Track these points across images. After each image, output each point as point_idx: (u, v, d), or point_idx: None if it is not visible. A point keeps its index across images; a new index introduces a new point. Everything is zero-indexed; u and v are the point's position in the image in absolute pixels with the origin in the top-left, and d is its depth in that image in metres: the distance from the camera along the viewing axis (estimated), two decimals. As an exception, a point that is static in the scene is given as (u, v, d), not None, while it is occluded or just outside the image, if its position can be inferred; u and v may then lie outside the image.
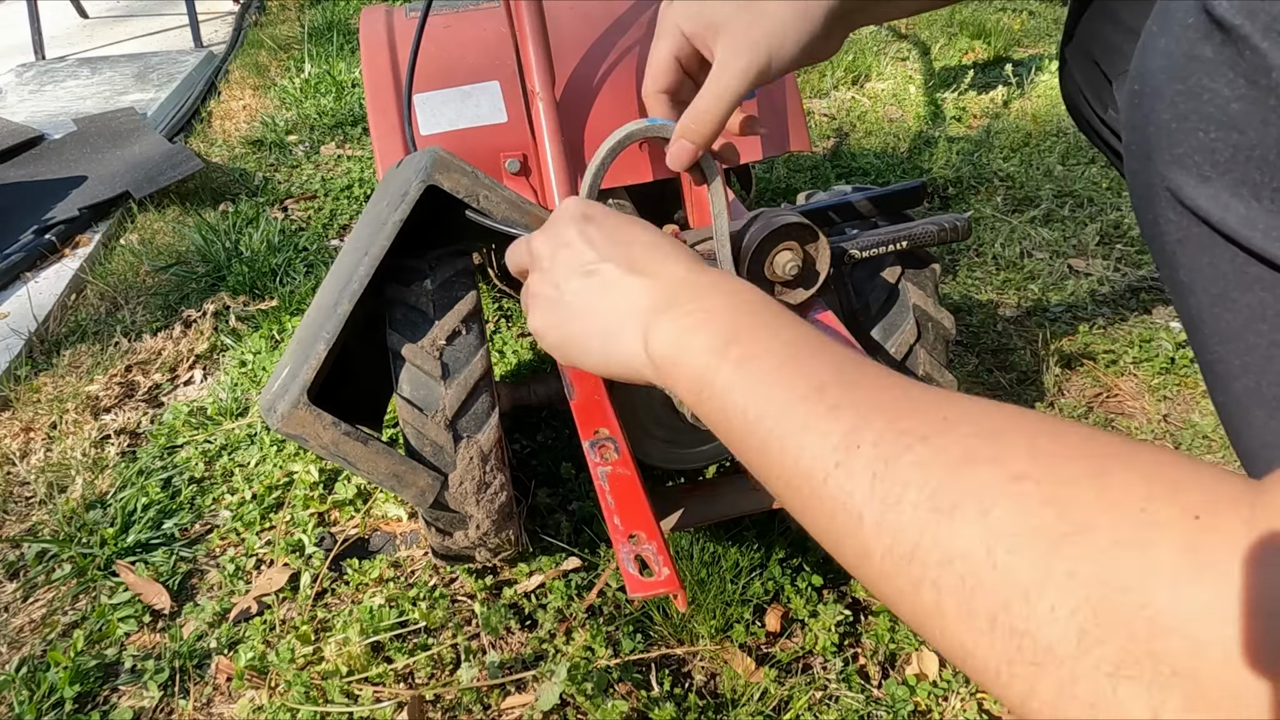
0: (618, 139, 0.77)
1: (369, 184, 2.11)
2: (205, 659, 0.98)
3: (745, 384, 0.44)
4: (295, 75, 2.88)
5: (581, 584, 1.02)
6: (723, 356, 0.45)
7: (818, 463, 0.38)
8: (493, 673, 0.91)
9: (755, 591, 0.98)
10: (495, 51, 1.19)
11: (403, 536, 1.12)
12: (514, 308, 1.56)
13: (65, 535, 1.13)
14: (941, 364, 0.96)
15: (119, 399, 1.42)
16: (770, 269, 0.82)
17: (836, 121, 2.34)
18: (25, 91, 2.84)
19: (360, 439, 0.78)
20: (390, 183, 0.90)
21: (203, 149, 2.39)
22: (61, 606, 1.06)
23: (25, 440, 1.33)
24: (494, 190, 0.85)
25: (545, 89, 1.01)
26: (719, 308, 0.49)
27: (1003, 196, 1.87)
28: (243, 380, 1.43)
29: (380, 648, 0.96)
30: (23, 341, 1.54)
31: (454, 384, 0.83)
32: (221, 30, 3.54)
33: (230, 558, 1.10)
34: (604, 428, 0.74)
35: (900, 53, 2.75)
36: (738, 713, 0.87)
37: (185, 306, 1.65)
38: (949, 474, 0.33)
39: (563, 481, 1.17)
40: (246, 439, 1.30)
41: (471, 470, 0.83)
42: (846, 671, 0.91)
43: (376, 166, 1.14)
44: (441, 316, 0.84)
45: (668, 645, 0.95)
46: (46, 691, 0.93)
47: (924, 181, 0.98)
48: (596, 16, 1.23)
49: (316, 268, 1.75)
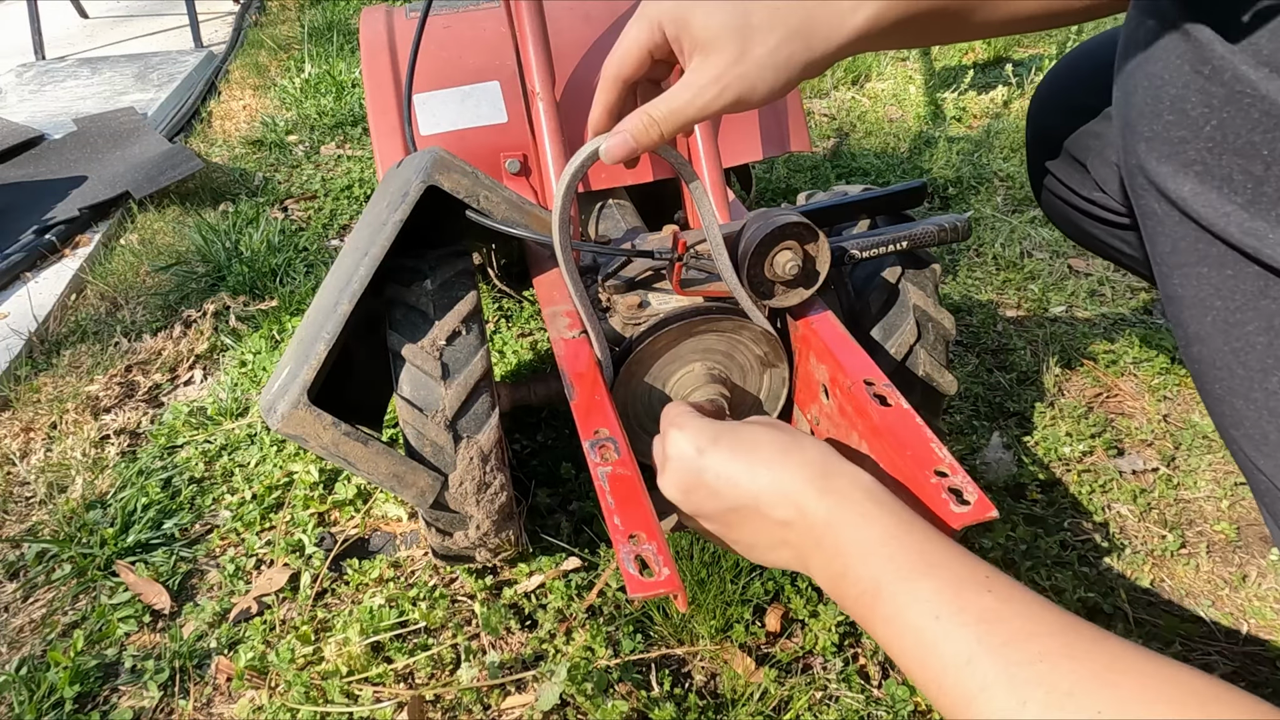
0: (587, 154, 0.76)
1: (369, 184, 2.11)
2: (205, 659, 0.98)
3: (904, 638, 0.49)
4: (295, 75, 2.88)
5: (581, 584, 1.02)
6: (875, 603, 0.51)
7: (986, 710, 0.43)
8: (493, 673, 0.91)
9: (755, 591, 0.98)
10: (495, 51, 1.19)
11: (403, 536, 1.12)
12: (514, 308, 1.56)
13: (65, 535, 1.13)
14: (941, 364, 0.96)
15: (119, 399, 1.42)
16: (770, 269, 0.82)
17: (836, 121, 2.34)
18: (25, 91, 2.84)
19: (360, 439, 0.78)
20: (390, 183, 0.90)
21: (203, 149, 2.39)
22: (61, 606, 1.06)
23: (25, 440, 1.33)
24: (494, 190, 0.85)
25: (545, 89, 1.01)
26: (860, 560, 0.54)
27: (1003, 196, 1.87)
28: (243, 380, 1.43)
29: (380, 648, 0.96)
30: (23, 341, 1.55)
31: (454, 384, 0.83)
32: (221, 30, 3.54)
33: (230, 558, 1.10)
34: (604, 428, 0.74)
35: (900, 53, 2.75)
36: (738, 713, 0.87)
37: (185, 306, 1.65)
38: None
39: (563, 481, 1.17)
40: (246, 439, 1.30)
41: (471, 470, 0.83)
42: (846, 671, 0.91)
43: (376, 166, 1.14)
44: (441, 317, 0.84)
45: (668, 645, 0.95)
46: (46, 691, 0.93)
47: (924, 181, 0.98)
48: (596, 16, 1.23)
49: (316, 268, 1.75)
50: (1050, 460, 1.19)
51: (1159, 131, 0.41)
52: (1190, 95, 0.38)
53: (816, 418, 0.88)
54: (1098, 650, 0.43)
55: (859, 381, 0.77)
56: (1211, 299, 0.43)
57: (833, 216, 0.96)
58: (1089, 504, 1.12)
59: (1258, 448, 0.46)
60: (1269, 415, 0.44)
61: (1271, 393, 0.43)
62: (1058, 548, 1.05)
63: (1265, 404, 0.44)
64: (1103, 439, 1.21)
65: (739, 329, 0.86)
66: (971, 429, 1.24)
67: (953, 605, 0.48)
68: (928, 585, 0.50)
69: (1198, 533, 1.08)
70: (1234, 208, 0.39)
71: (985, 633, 0.45)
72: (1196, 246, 0.42)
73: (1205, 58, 0.37)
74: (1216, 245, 0.40)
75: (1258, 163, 0.37)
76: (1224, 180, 0.39)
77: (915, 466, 0.67)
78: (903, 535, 0.54)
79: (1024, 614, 0.46)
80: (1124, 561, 1.04)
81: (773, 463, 0.60)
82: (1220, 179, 0.39)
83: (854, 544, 0.54)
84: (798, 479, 0.59)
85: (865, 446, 0.76)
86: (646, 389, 0.88)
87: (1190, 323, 0.45)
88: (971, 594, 0.48)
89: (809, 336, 0.86)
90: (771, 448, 0.62)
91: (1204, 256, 0.41)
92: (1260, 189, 0.37)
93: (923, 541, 0.53)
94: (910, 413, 0.73)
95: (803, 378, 0.90)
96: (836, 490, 0.57)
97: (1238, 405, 0.46)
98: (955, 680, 0.45)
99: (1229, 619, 0.97)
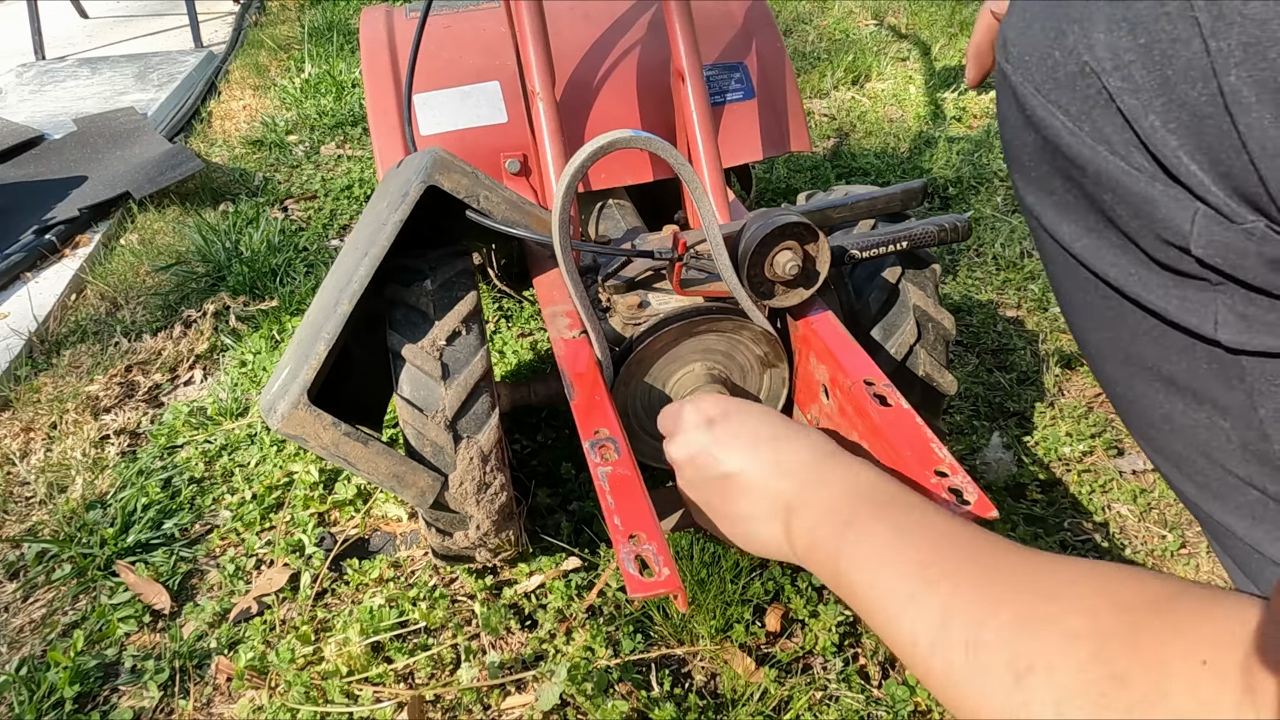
0: (594, 148, 0.76)
1: (369, 184, 2.11)
2: (205, 659, 0.98)
3: (861, 565, 0.52)
4: (295, 75, 2.88)
5: (581, 584, 1.02)
6: (841, 540, 0.54)
7: (921, 636, 0.46)
8: (493, 673, 0.91)
9: (755, 591, 0.98)
10: (495, 51, 1.19)
11: (403, 536, 1.12)
12: (514, 308, 1.56)
13: (65, 535, 1.13)
14: (941, 364, 0.96)
15: (119, 399, 1.42)
16: (770, 269, 0.82)
17: (836, 121, 2.34)
18: (25, 91, 2.84)
19: (360, 439, 0.78)
20: (390, 183, 0.90)
21: (203, 149, 2.39)
22: (61, 606, 1.06)
23: (25, 440, 1.33)
24: (494, 190, 0.85)
25: (545, 89, 1.01)
26: (838, 501, 0.57)
27: (1003, 196, 1.87)
28: (243, 380, 1.43)
29: (380, 648, 0.96)
30: (23, 341, 1.55)
31: (454, 384, 0.82)
32: (221, 30, 3.54)
33: (230, 558, 1.10)
34: (604, 428, 0.74)
35: (900, 53, 2.75)
36: (738, 713, 0.87)
37: (185, 306, 1.65)
38: (1022, 636, 0.41)
39: (563, 481, 1.17)
40: (246, 439, 1.30)
41: (471, 470, 0.83)
42: (846, 671, 0.91)
43: (376, 166, 1.14)
44: (441, 317, 0.84)
45: (668, 645, 0.95)
46: (46, 691, 0.93)
47: (924, 181, 0.98)
48: (596, 16, 1.23)
49: (316, 268, 1.75)
50: (1050, 460, 1.19)
51: (1013, 151, 0.50)
52: (1014, 123, 0.49)
53: (816, 418, 0.88)
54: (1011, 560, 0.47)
55: (859, 381, 0.77)
56: (1073, 300, 0.52)
57: (833, 216, 0.96)
58: (1089, 504, 1.12)
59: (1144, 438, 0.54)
60: (1128, 405, 0.53)
61: (1111, 380, 0.53)
62: (1058, 548, 1.05)
63: (1124, 393, 0.53)
64: (1103, 439, 1.21)
65: (739, 329, 0.86)
66: (971, 429, 1.24)
67: (915, 525, 0.52)
68: (893, 514, 0.54)
69: (1197, 533, 1.08)
70: (1063, 218, 0.49)
71: (924, 566, 0.49)
72: (1045, 248, 0.52)
73: (1012, 89, 0.48)
74: (1054, 247, 0.51)
75: (1068, 182, 0.47)
76: (1050, 193, 0.49)
77: (915, 466, 0.67)
78: (875, 485, 0.57)
79: (965, 546, 0.50)
80: (1124, 561, 1.04)
81: (777, 438, 0.64)
82: (1047, 192, 0.49)
83: (826, 499, 0.58)
84: (800, 454, 0.62)
85: (865, 446, 0.76)
86: (646, 389, 0.88)
87: (1070, 314, 0.55)
88: (935, 519, 0.52)
89: (809, 336, 0.86)
90: (779, 426, 0.66)
91: (1057, 256, 0.51)
92: (1064, 198, 0.48)
93: (897, 493, 0.57)
94: (910, 413, 0.73)
95: (803, 378, 0.90)
96: (826, 471, 0.61)
97: (1114, 393, 0.54)
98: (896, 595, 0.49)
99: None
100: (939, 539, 0.50)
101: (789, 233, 0.80)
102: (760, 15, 1.27)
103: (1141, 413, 0.52)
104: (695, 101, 1.03)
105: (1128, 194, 0.43)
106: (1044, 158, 0.47)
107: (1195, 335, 0.45)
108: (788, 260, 0.81)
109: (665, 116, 1.15)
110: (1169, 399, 0.49)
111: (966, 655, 0.43)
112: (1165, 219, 0.42)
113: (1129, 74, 0.41)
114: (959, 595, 0.46)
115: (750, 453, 0.64)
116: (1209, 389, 0.47)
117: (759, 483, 0.63)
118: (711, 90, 1.17)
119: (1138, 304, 0.47)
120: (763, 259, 0.81)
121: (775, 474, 0.62)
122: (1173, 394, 0.49)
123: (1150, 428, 0.52)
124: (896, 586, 0.49)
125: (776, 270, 0.82)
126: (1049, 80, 0.45)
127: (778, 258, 0.81)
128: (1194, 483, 0.51)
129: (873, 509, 0.55)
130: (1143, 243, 0.44)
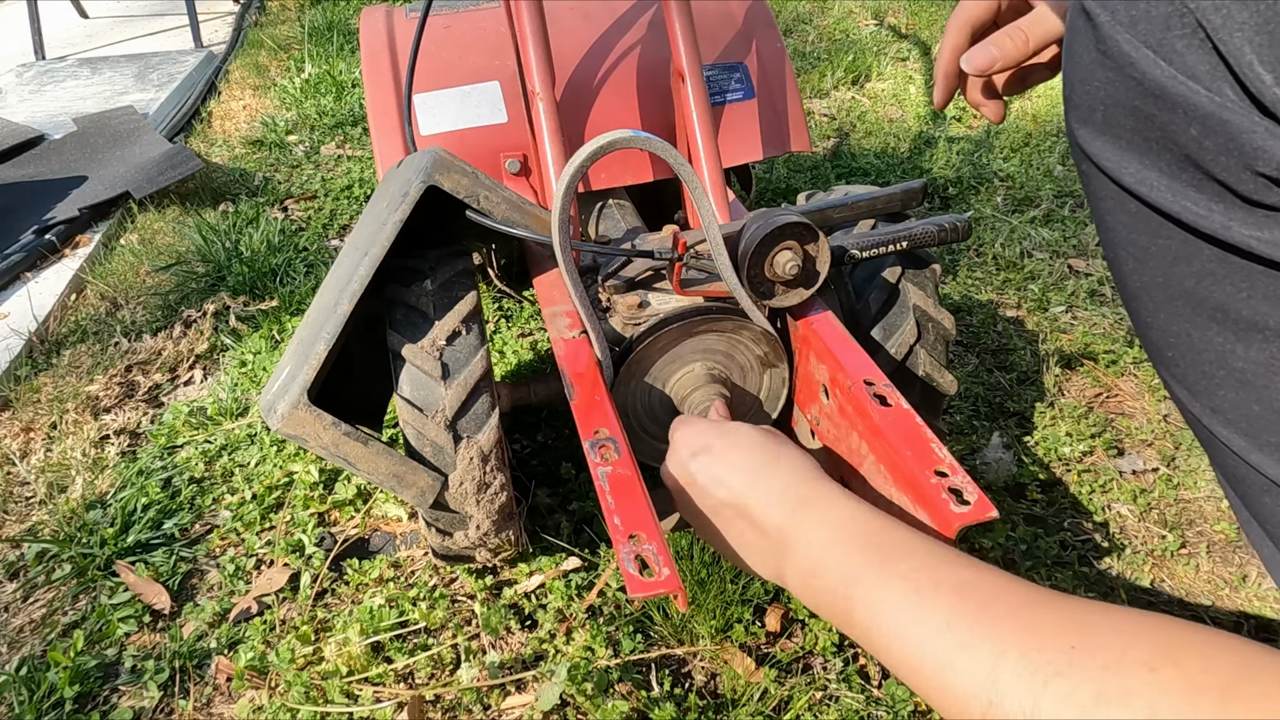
0: (594, 148, 0.76)
1: (369, 184, 2.11)
2: (205, 659, 0.98)
3: (881, 620, 0.52)
4: (295, 75, 2.88)
5: (581, 584, 1.02)
6: (849, 600, 0.54)
7: (974, 698, 0.45)
8: (493, 673, 0.91)
9: (755, 591, 0.98)
10: (495, 51, 1.19)
11: (403, 536, 1.12)
12: (514, 308, 1.56)
13: (65, 535, 1.13)
14: (941, 364, 0.96)
15: (119, 399, 1.42)
16: (770, 269, 0.82)
17: (836, 121, 2.34)
18: (25, 91, 2.84)
19: (360, 439, 0.78)
20: (390, 183, 0.90)
21: (203, 149, 2.39)
22: (61, 606, 1.06)
23: (25, 440, 1.33)
24: (494, 191, 0.85)
25: (545, 89, 1.01)
26: (830, 552, 0.57)
27: (1003, 196, 1.87)
28: (243, 380, 1.43)
29: (380, 648, 0.96)
30: (23, 341, 1.55)
31: (454, 384, 0.82)
32: (221, 30, 3.54)
33: (230, 558, 1.10)
34: (604, 428, 0.74)
35: (900, 53, 2.75)
36: (738, 713, 0.87)
37: (185, 306, 1.65)
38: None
39: (563, 481, 1.17)
40: (246, 439, 1.30)
41: (471, 470, 0.83)
42: (846, 671, 0.91)
43: (376, 166, 1.14)
44: (441, 317, 0.84)
45: (668, 645, 0.95)
46: (46, 691, 0.93)
47: (924, 181, 0.98)
48: (596, 16, 1.23)
49: (316, 268, 1.75)
50: (1050, 460, 1.19)
51: (1084, 98, 0.50)
52: (1098, 71, 0.48)
53: (816, 418, 0.88)
54: (1063, 603, 0.47)
55: (859, 381, 0.77)
56: (1128, 245, 0.52)
57: (833, 216, 0.96)
58: (1089, 504, 1.12)
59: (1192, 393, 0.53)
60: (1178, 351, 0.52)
61: (1172, 331, 0.52)
62: (1058, 548, 1.05)
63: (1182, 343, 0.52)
64: (1103, 439, 1.21)
65: (739, 329, 0.86)
66: (971, 429, 1.24)
67: (929, 580, 0.51)
68: (902, 566, 0.53)
69: (1198, 533, 1.08)
70: (1130, 160, 0.48)
71: (961, 599, 0.49)
72: (1114, 198, 0.51)
73: (1103, 38, 0.47)
74: (1123, 196, 0.50)
75: (1144, 121, 0.46)
76: (1117, 136, 0.48)
77: (915, 466, 0.67)
78: (872, 526, 0.58)
79: (993, 582, 0.50)
80: (1124, 561, 1.04)
81: (755, 473, 0.65)
82: (1114, 135, 0.49)
83: (821, 542, 0.58)
84: (772, 491, 0.63)
85: (865, 446, 0.76)
86: (646, 389, 0.88)
87: (1123, 263, 0.54)
88: (945, 569, 0.52)
89: (809, 336, 0.86)
90: (758, 453, 0.67)
91: (1125, 207, 0.51)
92: (1134, 139, 0.47)
93: (888, 529, 0.57)
94: (910, 413, 0.73)
95: (803, 378, 0.90)
96: (810, 501, 0.61)
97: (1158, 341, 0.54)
98: (937, 647, 0.48)
99: (1229, 619, 0.97)
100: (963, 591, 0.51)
101: (789, 233, 0.80)
102: (760, 15, 1.27)
103: (1192, 359, 0.52)
104: (695, 101, 1.03)
105: (1220, 125, 0.43)
106: (1119, 96, 0.47)
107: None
108: (788, 260, 0.81)
109: (665, 116, 1.15)
110: (1229, 340, 0.49)
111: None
112: (1260, 148, 0.42)
113: (1229, 13, 0.42)
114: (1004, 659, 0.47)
115: (731, 486, 0.66)
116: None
117: (745, 527, 0.64)
118: (711, 90, 1.17)
119: (1213, 240, 0.47)
120: (763, 259, 0.81)
121: (758, 516, 0.63)
122: (1235, 334, 0.49)
123: (1202, 377, 0.52)
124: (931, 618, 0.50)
125: (776, 270, 0.82)
126: (1142, 19, 0.45)
127: (778, 258, 0.81)
128: (1244, 435, 0.51)
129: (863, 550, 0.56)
130: (1228, 177, 0.44)
